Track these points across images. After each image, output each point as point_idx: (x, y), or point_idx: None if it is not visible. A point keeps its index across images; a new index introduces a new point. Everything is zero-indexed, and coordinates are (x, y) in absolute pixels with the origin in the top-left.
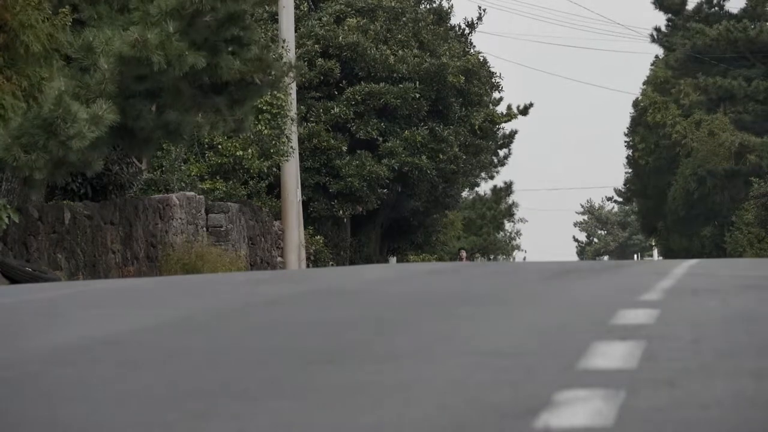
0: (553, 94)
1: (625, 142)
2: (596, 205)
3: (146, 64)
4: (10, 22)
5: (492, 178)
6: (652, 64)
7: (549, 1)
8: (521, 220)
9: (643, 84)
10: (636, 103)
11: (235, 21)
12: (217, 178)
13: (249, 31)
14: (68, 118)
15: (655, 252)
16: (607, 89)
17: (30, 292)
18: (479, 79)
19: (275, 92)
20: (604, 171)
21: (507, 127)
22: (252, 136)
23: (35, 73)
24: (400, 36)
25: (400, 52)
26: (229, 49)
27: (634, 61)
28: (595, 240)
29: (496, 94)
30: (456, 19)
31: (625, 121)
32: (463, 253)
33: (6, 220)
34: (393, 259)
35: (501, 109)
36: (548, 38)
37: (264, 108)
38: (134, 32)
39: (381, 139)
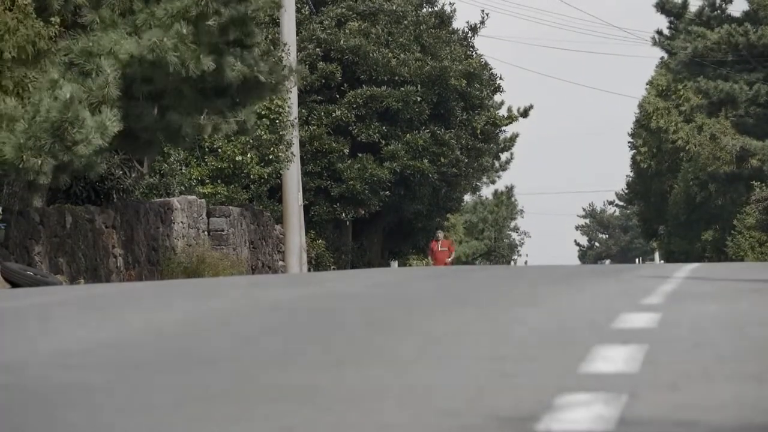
0: (554, 98)
1: (629, 143)
2: (598, 209)
3: (159, 66)
4: None
5: (494, 182)
6: (657, 66)
7: (550, 5)
8: (525, 234)
9: (647, 84)
10: (641, 105)
11: (239, 25)
12: (219, 182)
13: (252, 35)
14: (76, 123)
15: (657, 256)
16: (609, 93)
17: (31, 296)
18: (481, 82)
19: (274, 98)
20: (606, 175)
21: (509, 130)
22: (252, 141)
23: (16, 76)
24: (401, 39)
25: (401, 55)
26: (232, 51)
27: (636, 64)
28: (597, 244)
29: (497, 98)
30: (458, 23)
31: (627, 125)
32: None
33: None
34: (394, 263)
35: (502, 112)
36: (550, 42)
37: (263, 113)
38: (151, 37)
39: (383, 142)
